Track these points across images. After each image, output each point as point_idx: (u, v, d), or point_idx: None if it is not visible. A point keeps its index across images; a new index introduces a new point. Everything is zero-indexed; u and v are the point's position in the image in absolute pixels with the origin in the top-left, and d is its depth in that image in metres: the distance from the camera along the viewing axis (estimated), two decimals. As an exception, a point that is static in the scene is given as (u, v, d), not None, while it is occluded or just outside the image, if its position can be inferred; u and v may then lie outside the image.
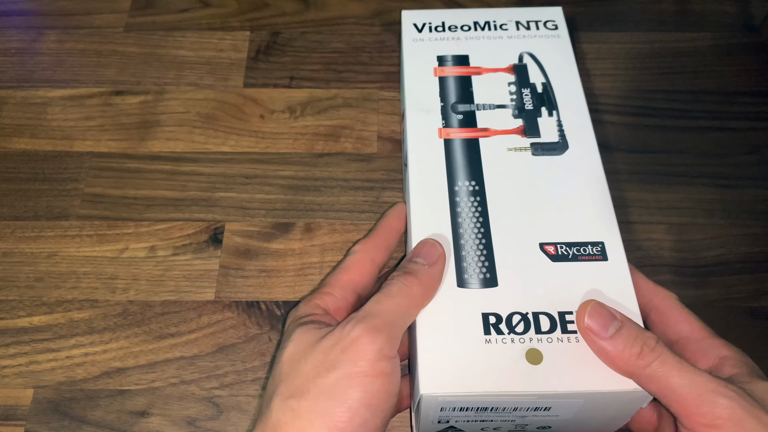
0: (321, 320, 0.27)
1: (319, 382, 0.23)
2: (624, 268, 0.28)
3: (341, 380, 0.23)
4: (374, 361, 0.24)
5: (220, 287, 0.37)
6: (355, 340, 0.24)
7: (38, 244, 0.39)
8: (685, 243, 0.38)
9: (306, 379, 0.24)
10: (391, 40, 0.46)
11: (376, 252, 0.30)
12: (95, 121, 0.43)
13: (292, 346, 0.26)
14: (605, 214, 0.30)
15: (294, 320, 0.28)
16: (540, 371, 0.25)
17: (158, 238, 0.39)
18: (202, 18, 0.47)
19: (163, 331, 0.36)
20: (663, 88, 0.44)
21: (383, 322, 0.25)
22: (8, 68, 0.45)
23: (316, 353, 0.24)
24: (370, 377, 0.23)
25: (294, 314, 0.28)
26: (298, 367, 0.25)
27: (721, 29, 0.46)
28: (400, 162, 0.41)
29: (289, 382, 0.24)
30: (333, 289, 0.29)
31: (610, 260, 0.29)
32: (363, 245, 0.30)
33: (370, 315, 0.25)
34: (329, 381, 0.23)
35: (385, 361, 0.24)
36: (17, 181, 0.41)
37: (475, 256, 0.29)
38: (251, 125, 0.43)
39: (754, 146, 0.41)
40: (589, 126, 0.33)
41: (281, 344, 0.27)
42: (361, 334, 0.24)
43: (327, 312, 0.28)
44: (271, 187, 0.40)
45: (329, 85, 0.44)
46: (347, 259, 0.30)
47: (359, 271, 0.29)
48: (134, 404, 0.34)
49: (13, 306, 0.37)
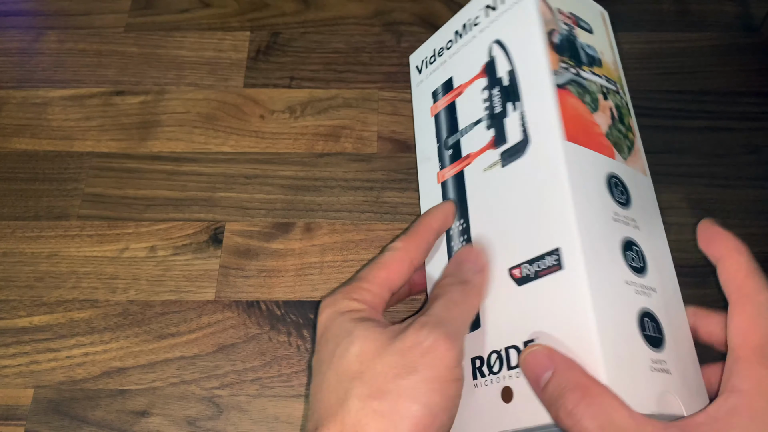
0: (372, 317, 0.26)
1: (400, 384, 0.23)
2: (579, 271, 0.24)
3: (422, 383, 0.23)
4: (452, 367, 0.24)
5: (221, 287, 0.37)
6: (434, 346, 0.24)
7: (38, 244, 0.39)
8: (685, 243, 0.38)
9: (385, 379, 0.24)
10: (391, 40, 0.46)
11: (416, 254, 0.29)
12: (95, 122, 0.43)
13: (360, 343, 0.25)
14: (562, 212, 0.25)
15: (336, 312, 0.27)
16: (511, 408, 0.25)
17: (158, 238, 0.39)
18: (202, 18, 0.47)
19: (164, 331, 0.36)
20: (663, 88, 0.44)
21: (455, 330, 0.25)
22: (8, 68, 0.45)
23: (391, 354, 0.24)
24: (449, 382, 0.24)
25: (333, 305, 0.27)
26: (374, 366, 0.24)
27: (721, 29, 0.46)
28: (400, 162, 0.41)
29: (367, 381, 0.24)
30: (371, 285, 0.28)
31: (566, 268, 0.24)
32: (404, 243, 0.29)
33: (443, 322, 0.25)
34: (410, 383, 0.23)
35: (460, 368, 0.24)
36: (17, 181, 0.41)
37: None
38: (251, 125, 0.43)
39: (754, 146, 0.41)
40: (552, 107, 0.27)
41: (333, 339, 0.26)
42: (438, 339, 0.24)
43: (368, 307, 0.27)
44: (271, 187, 0.40)
45: (329, 85, 0.44)
46: (386, 255, 0.28)
47: (397, 270, 0.28)
48: (134, 404, 0.34)
49: (14, 306, 0.37)
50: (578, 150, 0.26)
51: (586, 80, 0.29)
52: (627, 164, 0.28)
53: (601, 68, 0.30)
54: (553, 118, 0.27)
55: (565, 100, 0.27)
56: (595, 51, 0.30)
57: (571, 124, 0.27)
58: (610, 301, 0.24)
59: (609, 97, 0.29)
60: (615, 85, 0.30)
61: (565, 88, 0.27)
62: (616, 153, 0.28)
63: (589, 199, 0.25)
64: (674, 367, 0.24)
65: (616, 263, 0.25)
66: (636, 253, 0.26)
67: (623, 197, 0.27)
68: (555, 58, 0.28)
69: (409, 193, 0.40)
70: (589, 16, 0.31)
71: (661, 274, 0.26)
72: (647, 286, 0.25)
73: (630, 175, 0.28)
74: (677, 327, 0.26)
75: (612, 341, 0.23)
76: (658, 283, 0.26)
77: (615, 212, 0.26)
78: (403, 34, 0.46)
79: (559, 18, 0.30)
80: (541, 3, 0.29)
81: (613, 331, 0.23)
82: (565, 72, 0.28)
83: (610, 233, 0.25)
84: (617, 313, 0.24)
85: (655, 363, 0.24)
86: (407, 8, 0.47)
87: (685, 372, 0.25)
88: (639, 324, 0.24)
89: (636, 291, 0.25)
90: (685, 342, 0.26)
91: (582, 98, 0.28)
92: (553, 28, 0.29)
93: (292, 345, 0.36)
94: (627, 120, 0.30)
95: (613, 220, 0.26)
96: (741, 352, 0.23)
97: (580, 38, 0.30)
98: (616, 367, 0.22)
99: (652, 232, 0.27)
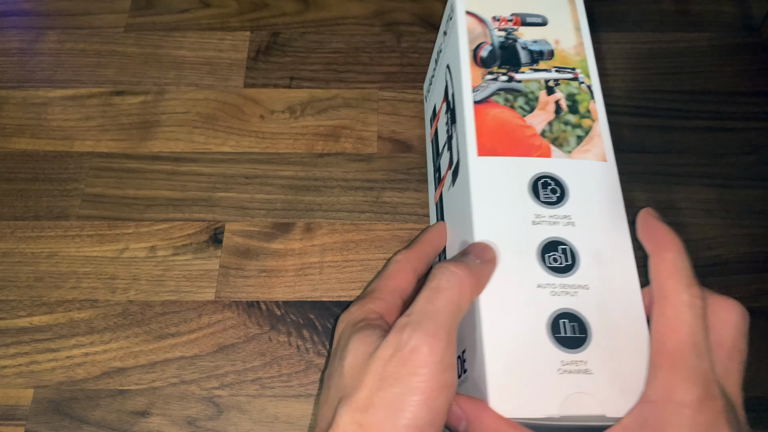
0: (376, 323, 0.26)
1: (383, 396, 0.22)
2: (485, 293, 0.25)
3: (404, 395, 0.22)
4: (437, 374, 0.22)
5: (220, 287, 0.37)
6: (414, 351, 0.22)
7: (38, 244, 0.39)
8: (685, 243, 0.38)
9: (370, 391, 0.23)
10: (391, 40, 0.46)
11: (418, 263, 0.30)
12: (95, 122, 0.43)
13: (351, 355, 0.24)
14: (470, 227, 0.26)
15: (348, 325, 0.27)
16: None
17: (158, 238, 0.39)
18: (202, 18, 0.47)
19: (163, 331, 0.36)
20: (663, 88, 0.44)
21: (439, 325, 0.23)
22: (9, 68, 0.45)
23: (376, 363, 0.23)
24: (434, 392, 0.22)
25: (348, 318, 0.27)
26: (360, 377, 0.23)
27: (721, 29, 0.46)
28: (400, 162, 0.41)
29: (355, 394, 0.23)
30: (383, 294, 0.28)
31: None
32: (405, 255, 0.30)
33: (425, 318, 0.23)
34: (392, 396, 0.22)
35: (448, 372, 0.22)
36: (17, 181, 0.41)
37: None
38: (251, 125, 0.43)
39: (754, 146, 0.41)
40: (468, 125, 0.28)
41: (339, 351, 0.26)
42: (419, 343, 0.22)
43: (381, 316, 0.27)
44: (271, 187, 0.40)
45: (329, 85, 0.44)
46: (390, 267, 0.29)
47: (404, 279, 0.29)
48: (134, 404, 0.34)
49: (14, 306, 0.37)
50: (493, 162, 0.27)
51: (520, 82, 0.29)
52: (571, 157, 0.28)
53: (552, 59, 0.30)
54: (469, 137, 0.28)
55: (484, 114, 0.28)
56: (544, 44, 0.31)
57: (486, 138, 0.28)
58: (511, 310, 0.24)
59: (558, 89, 0.29)
60: (572, 71, 0.30)
61: (487, 101, 0.29)
62: (554, 149, 0.28)
63: (500, 209, 0.26)
64: (600, 365, 0.24)
65: (528, 269, 0.25)
66: (562, 252, 0.26)
67: (554, 196, 0.27)
68: (478, 74, 0.29)
69: (408, 193, 0.40)
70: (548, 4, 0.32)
71: (602, 267, 0.25)
72: (574, 285, 0.25)
73: (572, 168, 0.27)
74: (619, 320, 0.25)
75: (504, 352, 0.24)
76: (594, 278, 0.25)
77: (537, 215, 0.26)
78: (403, 34, 0.46)
79: (493, 27, 0.31)
80: (469, 20, 0.31)
81: (506, 342, 0.24)
82: (491, 84, 0.29)
83: (525, 239, 0.26)
84: (519, 322, 0.24)
85: (568, 365, 0.23)
86: (407, 8, 0.47)
87: (618, 368, 0.24)
88: (550, 327, 0.24)
89: (552, 293, 0.25)
90: (628, 335, 0.24)
91: (512, 104, 0.29)
92: (482, 42, 0.30)
93: (292, 345, 0.36)
94: (583, 107, 0.29)
95: (532, 223, 0.26)
96: (656, 359, 0.23)
97: (524, 37, 0.31)
98: (506, 378, 0.23)
99: (597, 224, 0.27)
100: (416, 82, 0.44)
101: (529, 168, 0.27)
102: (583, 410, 0.23)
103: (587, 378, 0.23)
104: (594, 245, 0.26)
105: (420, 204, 0.39)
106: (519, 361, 0.23)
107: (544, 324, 0.24)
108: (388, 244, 0.38)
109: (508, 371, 0.23)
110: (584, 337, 0.24)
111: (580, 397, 0.23)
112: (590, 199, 0.27)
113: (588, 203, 0.27)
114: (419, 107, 0.43)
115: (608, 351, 0.24)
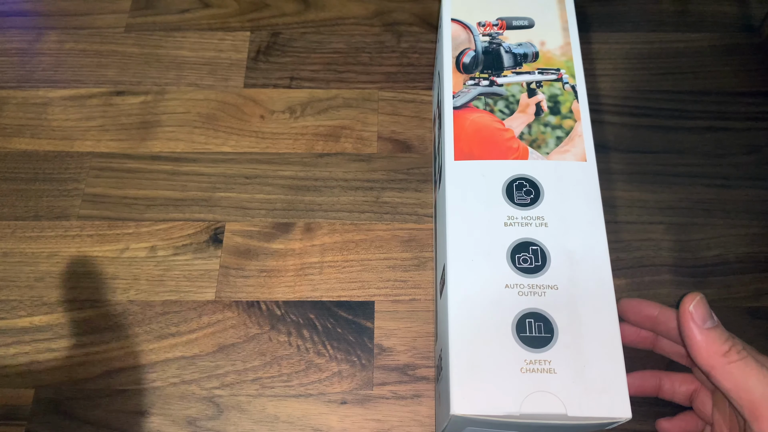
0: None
1: None
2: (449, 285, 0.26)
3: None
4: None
5: (221, 287, 0.37)
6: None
7: (39, 244, 0.39)
8: (685, 243, 0.38)
9: None
10: (391, 40, 0.46)
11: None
12: (96, 122, 0.43)
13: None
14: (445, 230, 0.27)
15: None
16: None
17: (159, 238, 0.39)
18: (202, 18, 0.47)
19: (164, 330, 0.36)
20: (663, 88, 0.44)
21: None
22: (9, 68, 0.45)
23: None
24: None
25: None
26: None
27: (721, 29, 0.46)
28: (400, 162, 0.41)
29: None
30: None
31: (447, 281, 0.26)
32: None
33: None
34: None
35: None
36: (18, 181, 0.41)
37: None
38: (251, 125, 0.43)
39: (754, 146, 0.41)
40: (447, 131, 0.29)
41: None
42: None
43: None
44: (272, 187, 0.40)
45: (329, 85, 0.44)
46: None
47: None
48: (134, 404, 0.34)
49: (14, 306, 0.37)
50: (468, 166, 0.28)
51: (501, 86, 0.30)
52: (549, 158, 0.28)
53: (536, 61, 0.31)
54: (447, 141, 0.29)
55: (463, 119, 0.29)
56: (529, 46, 0.31)
57: (464, 143, 0.29)
58: (477, 310, 0.25)
59: (540, 91, 0.30)
60: (557, 71, 0.30)
61: (467, 106, 0.30)
62: (531, 152, 0.28)
63: (473, 212, 0.27)
64: (564, 364, 0.24)
65: (498, 269, 0.26)
66: (533, 253, 0.26)
67: (528, 198, 0.27)
68: (459, 80, 0.30)
69: (408, 193, 0.40)
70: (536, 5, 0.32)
71: (574, 267, 0.26)
72: (543, 285, 0.25)
73: (548, 170, 0.28)
74: (588, 321, 0.25)
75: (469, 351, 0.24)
76: (564, 279, 0.26)
77: (510, 216, 0.27)
78: (403, 34, 0.46)
79: (478, 32, 0.32)
80: (454, 27, 0.32)
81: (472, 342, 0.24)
82: (472, 89, 0.30)
83: (496, 240, 0.26)
84: (485, 321, 0.25)
85: (532, 364, 0.24)
86: (407, 8, 0.47)
87: (584, 367, 0.24)
88: (516, 327, 0.25)
89: (520, 293, 0.25)
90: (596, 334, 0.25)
91: (492, 108, 0.29)
92: (465, 48, 0.31)
93: (292, 345, 0.36)
94: (565, 107, 0.30)
95: (504, 225, 0.27)
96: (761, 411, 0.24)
97: (509, 41, 0.31)
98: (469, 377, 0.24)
99: (572, 224, 0.27)
100: (416, 82, 0.44)
101: (505, 171, 0.28)
102: (544, 409, 0.23)
103: (550, 377, 0.24)
104: (566, 246, 0.26)
105: (420, 204, 0.40)
106: (483, 360, 0.24)
107: (510, 324, 0.25)
108: (388, 244, 0.38)
109: (471, 370, 0.24)
110: (550, 336, 0.24)
111: (542, 396, 0.23)
112: (565, 199, 0.27)
113: (563, 204, 0.27)
114: (419, 107, 0.43)
115: (574, 350, 0.24)
